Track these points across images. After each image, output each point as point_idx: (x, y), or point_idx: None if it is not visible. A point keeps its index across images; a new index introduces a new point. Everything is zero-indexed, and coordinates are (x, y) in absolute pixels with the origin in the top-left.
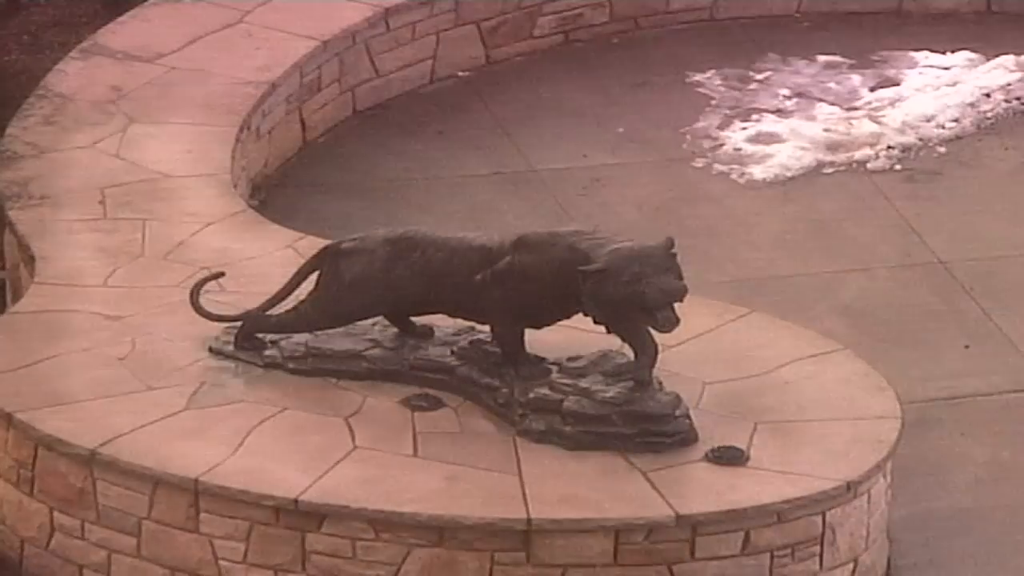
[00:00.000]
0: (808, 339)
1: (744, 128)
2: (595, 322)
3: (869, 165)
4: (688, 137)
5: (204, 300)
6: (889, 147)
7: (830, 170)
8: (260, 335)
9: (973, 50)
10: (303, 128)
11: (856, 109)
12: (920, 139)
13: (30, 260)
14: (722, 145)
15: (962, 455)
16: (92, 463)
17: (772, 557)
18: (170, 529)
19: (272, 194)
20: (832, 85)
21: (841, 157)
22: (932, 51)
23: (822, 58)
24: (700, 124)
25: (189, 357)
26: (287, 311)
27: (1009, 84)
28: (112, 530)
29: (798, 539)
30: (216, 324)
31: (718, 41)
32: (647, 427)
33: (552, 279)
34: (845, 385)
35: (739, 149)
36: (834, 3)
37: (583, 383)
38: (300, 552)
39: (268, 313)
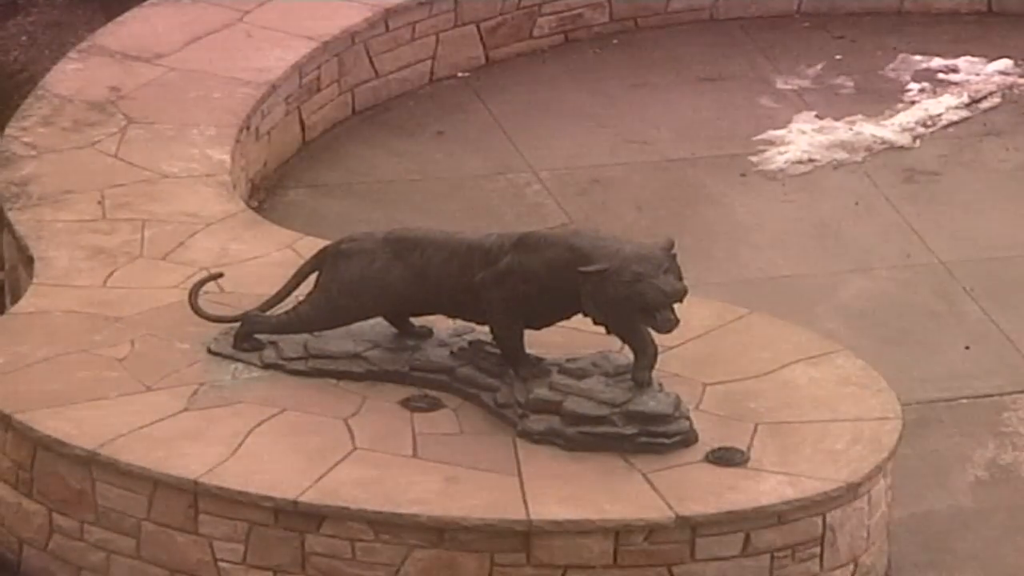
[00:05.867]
0: (808, 340)
1: (745, 129)
2: (595, 323)
3: (870, 166)
4: (688, 138)
5: (203, 301)
6: (890, 148)
7: (830, 170)
8: (259, 336)
9: (974, 51)
10: (302, 128)
11: (857, 110)
12: (920, 140)
13: (29, 261)
14: (723, 146)
15: (962, 456)
16: (91, 464)
17: (772, 558)
18: (169, 530)
19: (271, 195)
20: (833, 86)
21: (841, 157)
22: (933, 52)
23: (823, 59)
24: (700, 125)
25: (188, 358)
26: (286, 312)
27: (1009, 85)
28: (111, 531)
29: (798, 540)
30: (215, 325)
31: (718, 41)
32: (647, 428)
33: (552, 280)
34: (845, 386)
35: (740, 150)
36: (834, 3)
37: (583, 384)
38: (299, 553)
39: (267, 314)
